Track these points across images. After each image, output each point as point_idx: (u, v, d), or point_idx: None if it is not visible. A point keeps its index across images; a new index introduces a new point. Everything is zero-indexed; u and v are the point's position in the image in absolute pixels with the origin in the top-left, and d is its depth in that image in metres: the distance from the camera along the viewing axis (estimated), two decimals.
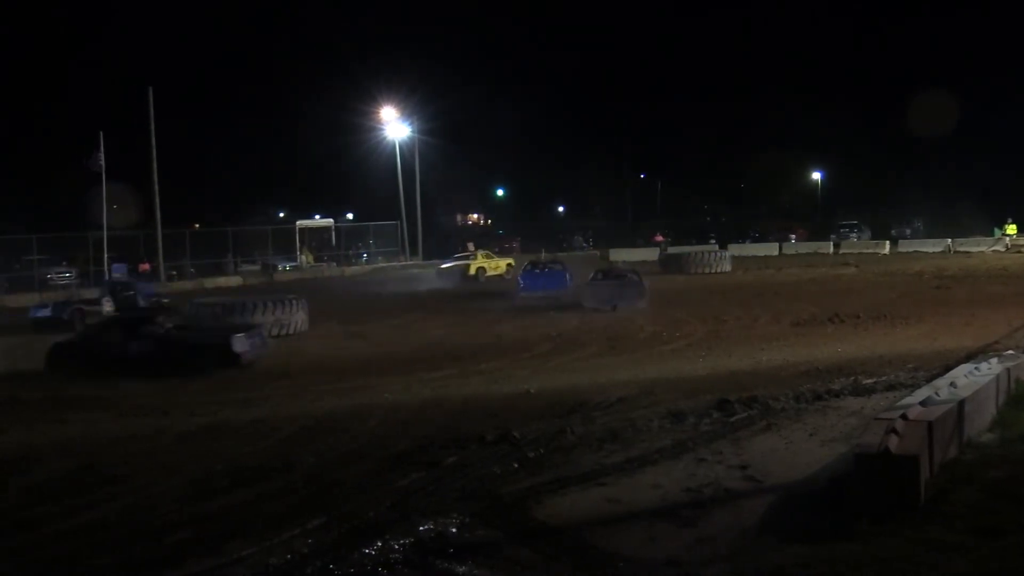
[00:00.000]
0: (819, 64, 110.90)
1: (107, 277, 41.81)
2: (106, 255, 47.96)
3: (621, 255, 62.21)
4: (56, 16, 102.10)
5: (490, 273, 45.64)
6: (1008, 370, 12.69)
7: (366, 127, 65.32)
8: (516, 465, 10.71)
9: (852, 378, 15.35)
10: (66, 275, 48.56)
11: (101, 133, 46.27)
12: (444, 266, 47.84)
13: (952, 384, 11.49)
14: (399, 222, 64.53)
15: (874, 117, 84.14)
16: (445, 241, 68.82)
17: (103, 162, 46.02)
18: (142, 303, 30.62)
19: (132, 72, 74.61)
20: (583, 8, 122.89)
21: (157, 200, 49.13)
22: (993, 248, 53.25)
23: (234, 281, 50.38)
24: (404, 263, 60.68)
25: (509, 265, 47.13)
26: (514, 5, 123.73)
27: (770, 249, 61.94)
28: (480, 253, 50.08)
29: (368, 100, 64.62)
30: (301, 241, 62.17)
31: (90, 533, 8.93)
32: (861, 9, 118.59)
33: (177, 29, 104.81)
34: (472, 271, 46.07)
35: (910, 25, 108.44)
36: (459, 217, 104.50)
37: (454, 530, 8.63)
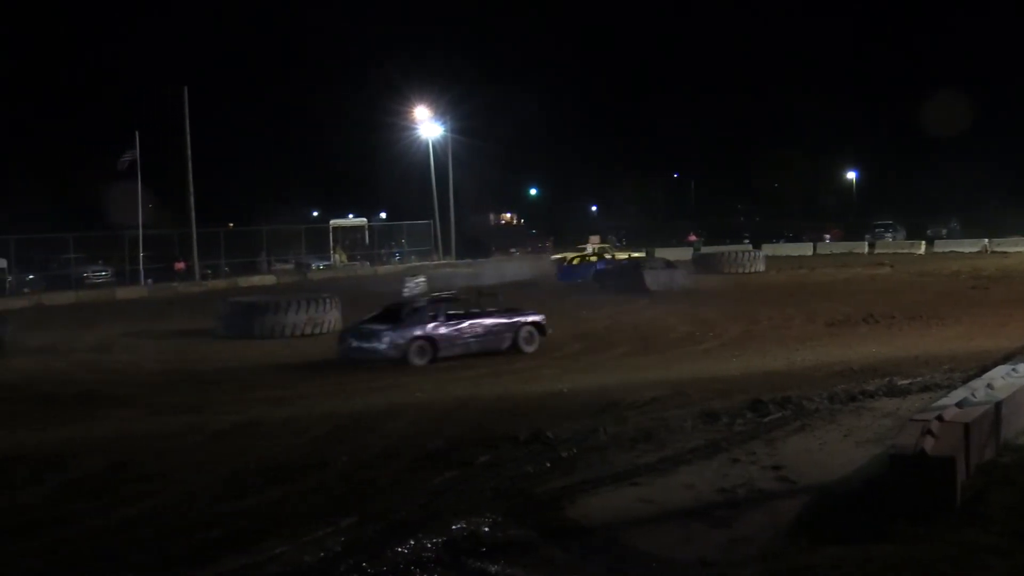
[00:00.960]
0: (854, 63, 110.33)
1: None
2: (141, 254, 48.36)
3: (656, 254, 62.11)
4: (88, 14, 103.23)
5: None
6: None
7: (399, 126, 65.58)
8: (549, 464, 10.68)
9: (887, 379, 15.20)
10: (102, 274, 49.02)
11: (137, 133, 46.69)
12: (553, 257, 48.79)
13: (989, 385, 11.35)
14: (432, 221, 64.66)
15: (910, 116, 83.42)
16: (477, 240, 69.00)
17: (131, 159, 46.43)
18: None
19: (163, 72, 75.35)
20: (618, 7, 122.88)
21: (192, 200, 49.47)
22: None
23: (268, 280, 50.69)
24: (437, 262, 60.81)
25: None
26: (549, 4, 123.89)
27: (804, 249, 61.62)
28: (597, 248, 50.76)
29: (401, 100, 64.87)
30: (334, 240, 62.44)
31: (125, 530, 8.98)
32: (898, 8, 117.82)
33: (209, 28, 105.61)
34: (573, 263, 46.32)
35: (945, 23, 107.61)
36: (492, 216, 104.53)
37: (487, 529, 8.61)
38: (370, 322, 20.46)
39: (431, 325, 19.72)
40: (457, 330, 19.95)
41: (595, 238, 59.76)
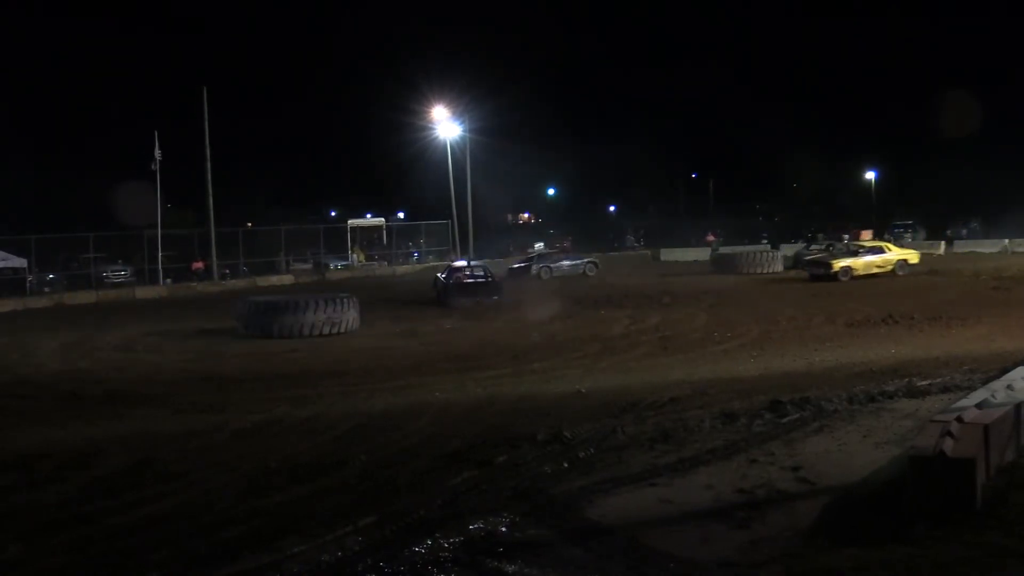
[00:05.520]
0: (874, 63, 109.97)
1: None
2: (160, 254, 48.58)
3: (674, 254, 62.06)
4: (108, 14, 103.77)
5: None
6: None
7: (418, 127, 65.51)
8: (567, 465, 10.70)
9: (907, 380, 15.16)
10: (122, 273, 49.23)
11: (156, 133, 46.94)
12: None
13: (1009, 387, 11.32)
14: (450, 221, 64.71)
15: (929, 115, 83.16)
16: (495, 240, 69.13)
17: (159, 160, 46.74)
18: None
19: (183, 72, 75.85)
20: (638, 10, 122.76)
21: (210, 199, 49.68)
22: None
23: (286, 279, 50.84)
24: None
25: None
26: (569, 6, 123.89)
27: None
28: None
29: (420, 100, 64.82)
30: (353, 240, 62.60)
31: (148, 527, 9.05)
32: (919, 6, 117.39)
33: (229, 30, 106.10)
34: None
35: (966, 22, 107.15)
36: (510, 216, 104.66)
37: (504, 529, 8.63)
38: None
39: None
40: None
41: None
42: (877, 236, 65.54)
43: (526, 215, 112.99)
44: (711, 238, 73.77)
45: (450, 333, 25.38)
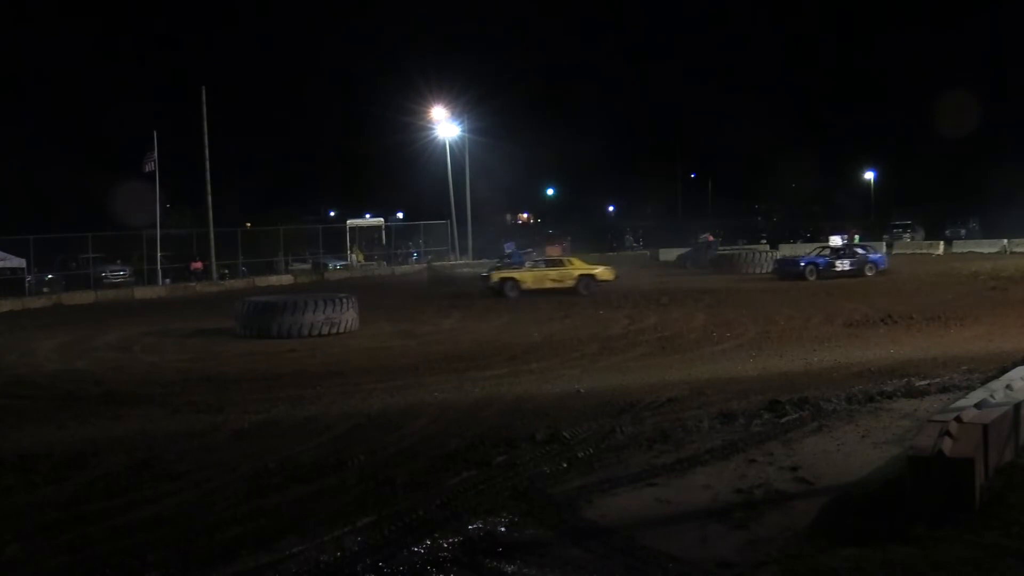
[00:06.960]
0: (872, 61, 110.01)
1: None
2: (159, 254, 48.56)
3: (672, 255, 62.07)
4: (106, 13, 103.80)
5: None
6: None
7: (417, 127, 65.57)
8: (566, 464, 10.70)
9: (905, 380, 15.17)
10: (120, 273, 49.17)
11: (155, 133, 46.92)
12: None
13: (1008, 387, 11.32)
14: (449, 221, 64.71)
15: (928, 115, 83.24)
16: (494, 240, 69.17)
17: (152, 161, 46.73)
18: None
19: (182, 71, 75.91)
20: (635, 9, 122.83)
21: (209, 199, 49.64)
22: None
23: (285, 280, 50.85)
24: (454, 262, 60.88)
25: None
26: (568, 5, 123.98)
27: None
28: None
29: (419, 100, 64.85)
30: (351, 240, 62.60)
31: (147, 528, 9.04)
32: (912, 8, 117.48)
33: (228, 29, 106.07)
34: None
35: (966, 21, 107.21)
36: (508, 216, 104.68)
37: (503, 529, 8.64)
38: None
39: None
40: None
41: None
42: (875, 236, 65.54)
43: (525, 215, 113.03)
44: (710, 238, 73.65)
45: (448, 333, 25.42)
